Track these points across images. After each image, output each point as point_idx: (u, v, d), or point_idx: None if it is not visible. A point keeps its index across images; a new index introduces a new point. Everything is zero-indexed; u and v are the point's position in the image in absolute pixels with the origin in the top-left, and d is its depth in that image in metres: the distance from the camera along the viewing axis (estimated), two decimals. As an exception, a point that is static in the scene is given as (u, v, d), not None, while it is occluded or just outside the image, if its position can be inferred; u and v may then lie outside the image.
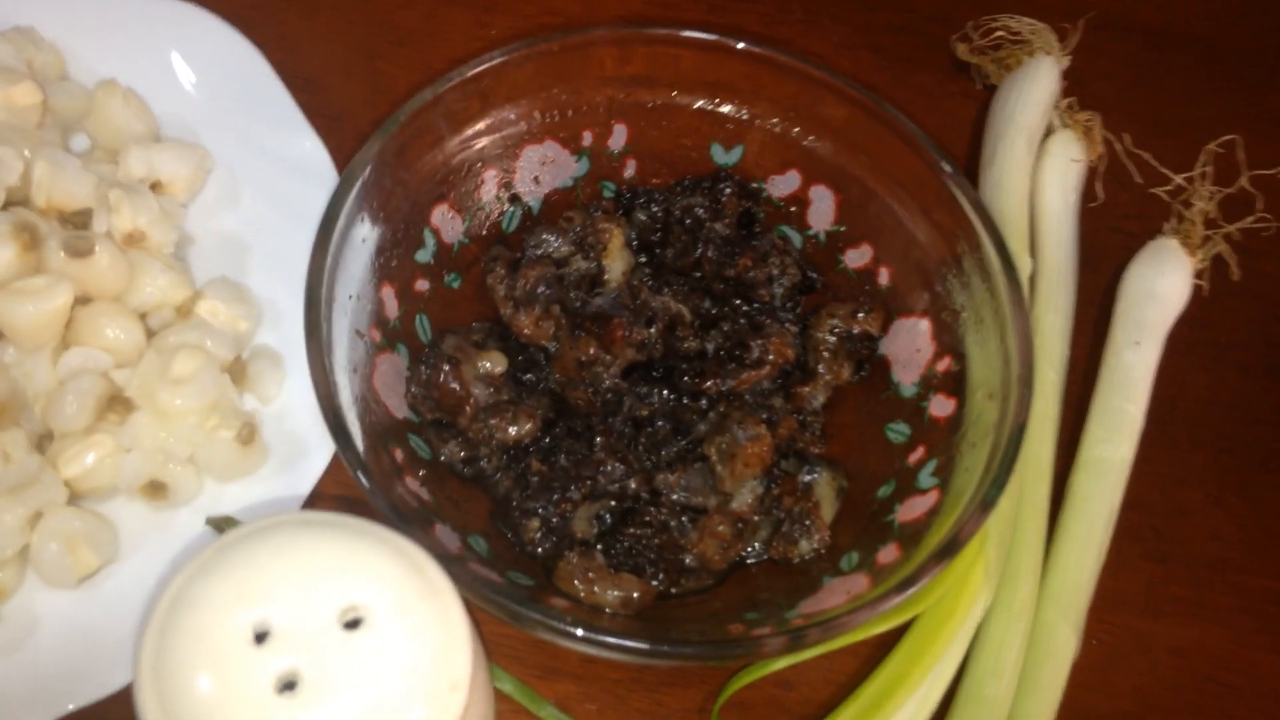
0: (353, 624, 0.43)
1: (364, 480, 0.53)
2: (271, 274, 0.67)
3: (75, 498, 0.60)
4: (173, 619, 0.43)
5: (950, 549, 0.53)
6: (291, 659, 0.42)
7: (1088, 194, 0.76)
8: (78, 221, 0.63)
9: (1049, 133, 0.76)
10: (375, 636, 0.43)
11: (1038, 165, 0.74)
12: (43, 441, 0.60)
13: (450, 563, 0.52)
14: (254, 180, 0.69)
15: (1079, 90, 0.78)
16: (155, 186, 0.66)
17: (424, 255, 0.64)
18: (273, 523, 0.45)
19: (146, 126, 0.69)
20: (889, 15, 0.84)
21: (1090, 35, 0.78)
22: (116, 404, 0.60)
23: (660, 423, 0.62)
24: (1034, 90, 0.75)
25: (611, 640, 0.51)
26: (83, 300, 0.61)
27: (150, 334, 0.63)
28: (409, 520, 0.52)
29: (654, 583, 0.59)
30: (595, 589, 0.58)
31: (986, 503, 0.54)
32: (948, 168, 0.61)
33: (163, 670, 0.42)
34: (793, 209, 0.68)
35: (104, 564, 0.59)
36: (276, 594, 0.43)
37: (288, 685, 0.42)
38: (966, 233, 0.61)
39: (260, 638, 0.42)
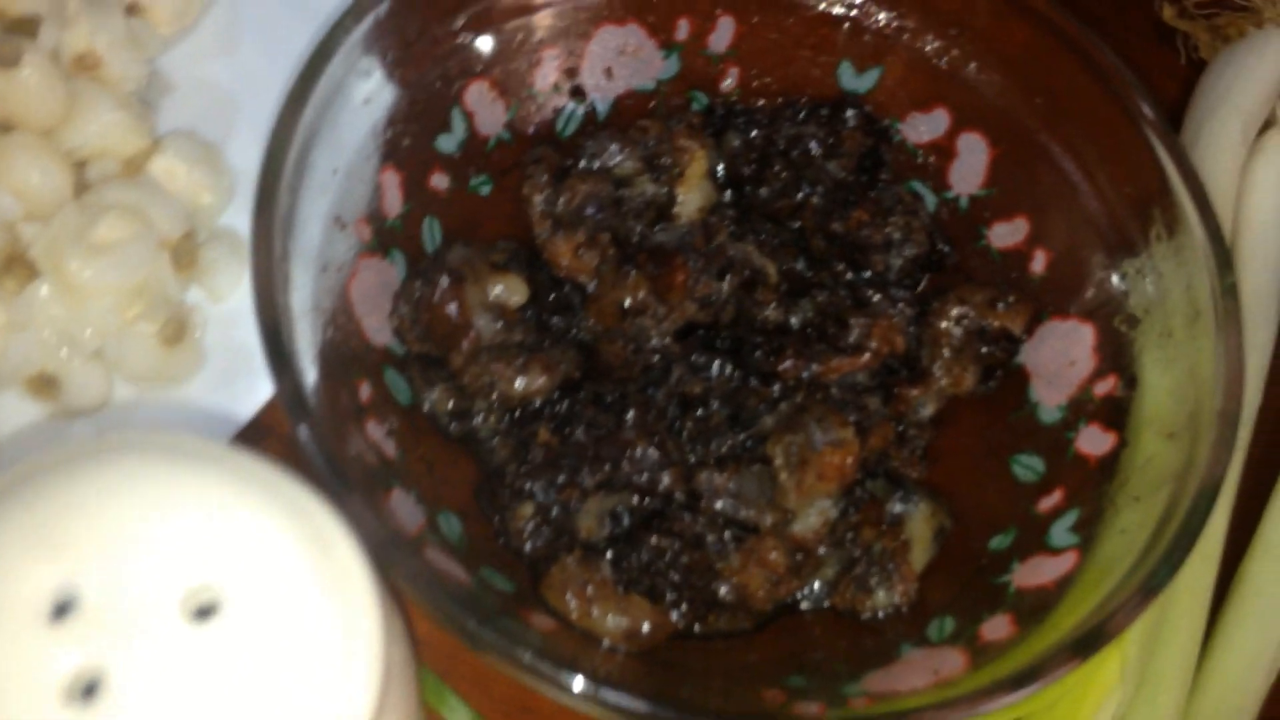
0: (204, 613, 0.29)
1: (294, 416, 0.38)
2: (258, 142, 0.52)
3: (-54, 380, 0.46)
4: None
5: (1091, 642, 0.39)
6: (98, 651, 0.28)
7: (1305, 209, 0.59)
8: (22, 30, 0.49)
9: (1267, 125, 0.59)
10: (230, 637, 0.28)
11: (1249, 162, 0.58)
12: (-86, 299, 0.46)
13: (395, 547, 0.37)
14: (260, 23, 0.55)
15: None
16: (133, 9, 0.52)
17: (448, 143, 0.50)
18: (109, 445, 0.30)
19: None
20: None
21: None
22: (17, 266, 0.46)
23: (715, 405, 0.47)
24: (1259, 67, 0.58)
25: (598, 694, 0.36)
26: (2, 127, 0.47)
27: (84, 188, 0.49)
28: (350, 481, 0.37)
29: (673, 614, 0.44)
30: (593, 610, 0.43)
31: (1152, 585, 0.39)
32: (1157, 121, 0.45)
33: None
34: (931, 159, 0.52)
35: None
36: (94, 551, 0.29)
37: (88, 689, 0.27)
38: (1168, 213, 0.45)
39: (60, 610, 0.28)
